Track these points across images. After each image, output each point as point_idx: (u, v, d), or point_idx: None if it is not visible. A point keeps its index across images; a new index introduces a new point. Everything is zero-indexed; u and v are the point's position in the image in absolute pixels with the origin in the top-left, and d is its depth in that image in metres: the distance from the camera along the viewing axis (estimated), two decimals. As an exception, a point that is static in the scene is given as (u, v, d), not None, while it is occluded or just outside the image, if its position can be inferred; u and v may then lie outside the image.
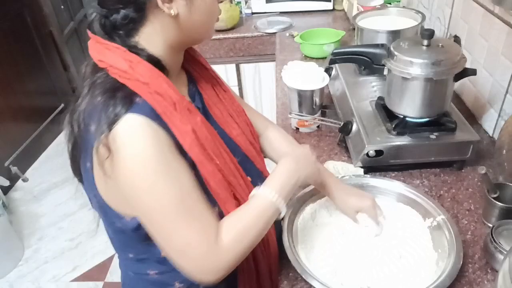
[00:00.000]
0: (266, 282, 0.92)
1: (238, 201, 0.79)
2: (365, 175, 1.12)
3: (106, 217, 0.78)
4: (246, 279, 0.87)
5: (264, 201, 0.76)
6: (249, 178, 0.86)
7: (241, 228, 0.74)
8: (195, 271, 0.71)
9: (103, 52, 0.72)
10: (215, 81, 0.91)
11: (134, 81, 0.69)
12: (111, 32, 0.73)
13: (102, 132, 0.65)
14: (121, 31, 0.72)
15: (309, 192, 1.04)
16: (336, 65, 1.46)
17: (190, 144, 0.70)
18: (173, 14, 0.71)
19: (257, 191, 0.78)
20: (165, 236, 0.70)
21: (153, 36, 0.73)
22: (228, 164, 0.79)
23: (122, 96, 0.67)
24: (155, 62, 0.73)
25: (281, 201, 0.77)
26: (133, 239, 0.78)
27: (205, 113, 0.84)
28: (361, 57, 1.15)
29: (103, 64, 0.71)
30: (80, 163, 0.75)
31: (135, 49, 0.72)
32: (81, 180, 0.80)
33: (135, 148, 0.66)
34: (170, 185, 0.67)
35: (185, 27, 0.74)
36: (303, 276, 0.86)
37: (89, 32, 0.75)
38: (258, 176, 0.90)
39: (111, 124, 0.65)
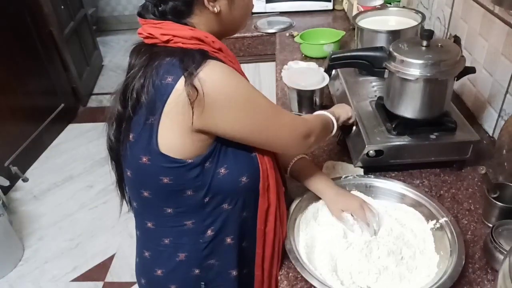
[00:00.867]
0: (275, 269, 0.96)
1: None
2: (369, 175, 1.12)
3: (154, 173, 0.82)
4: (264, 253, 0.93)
5: (325, 115, 1.04)
6: None
7: (317, 123, 0.97)
8: (304, 138, 0.90)
9: (164, 27, 0.78)
10: (242, 73, 1.00)
11: (200, 44, 0.78)
12: (161, 17, 0.79)
13: (190, 74, 0.72)
14: (170, 16, 0.79)
15: (312, 192, 1.05)
16: (336, 65, 1.46)
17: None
18: (216, 11, 0.80)
19: (318, 112, 1.04)
20: (275, 127, 0.85)
21: (199, 26, 0.81)
22: None
23: (198, 52, 0.76)
24: None
25: (334, 119, 1.04)
26: (179, 191, 0.83)
27: None
28: (360, 61, 1.15)
29: (165, 37, 0.77)
30: (132, 127, 0.80)
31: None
32: (114, 157, 0.89)
33: (228, 79, 0.76)
34: (262, 96, 0.83)
35: (225, 21, 0.84)
36: (304, 276, 0.86)
37: (140, 19, 0.81)
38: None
39: (195, 69, 0.73)
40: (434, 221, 0.97)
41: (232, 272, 0.92)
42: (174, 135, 0.77)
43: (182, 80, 0.73)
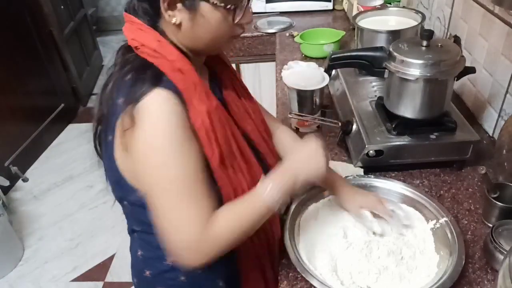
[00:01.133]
0: (268, 273, 0.94)
1: (239, 191, 0.82)
2: (369, 175, 1.12)
3: (122, 190, 0.82)
4: (249, 270, 0.91)
5: (258, 198, 0.78)
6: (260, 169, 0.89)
7: (234, 220, 0.77)
8: (183, 251, 0.75)
9: (137, 32, 0.77)
10: (235, 79, 0.95)
11: (162, 59, 0.74)
12: (141, 15, 0.77)
13: (130, 103, 0.70)
14: (148, 17, 0.77)
15: (313, 191, 1.05)
16: (336, 65, 1.46)
17: (200, 124, 0.74)
18: (174, 23, 0.75)
19: (257, 186, 0.80)
20: (162, 211, 0.74)
21: (169, 33, 0.78)
22: (235, 151, 0.82)
23: (151, 75, 0.72)
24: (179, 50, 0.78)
25: (274, 200, 0.78)
26: (145, 213, 0.80)
27: (223, 106, 0.87)
28: (360, 61, 1.15)
29: (135, 43, 0.76)
30: (102, 138, 0.80)
31: (163, 35, 0.78)
32: (101, 156, 0.86)
33: (156, 123, 0.70)
34: (178, 163, 0.72)
35: (188, 37, 0.78)
36: (304, 276, 0.86)
37: (124, 14, 0.79)
38: (267, 172, 0.91)
39: (140, 96, 0.70)
40: (434, 221, 0.97)
41: (220, 282, 0.91)
42: (126, 159, 0.76)
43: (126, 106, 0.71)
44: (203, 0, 0.73)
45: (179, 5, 0.73)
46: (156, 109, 0.70)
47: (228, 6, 0.74)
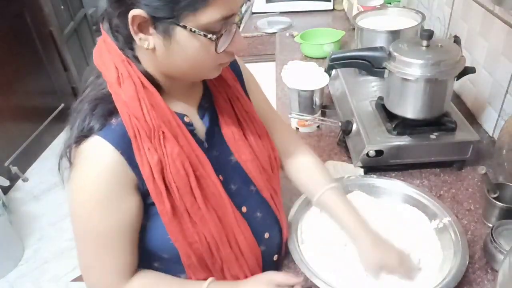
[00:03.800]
0: None
1: (197, 244, 0.76)
2: (371, 175, 1.12)
3: None
4: None
5: None
6: (244, 209, 0.83)
7: None
8: None
9: (103, 55, 0.71)
10: (237, 100, 0.85)
11: (118, 96, 0.69)
12: (114, 31, 0.70)
13: (69, 145, 0.70)
14: (121, 35, 0.69)
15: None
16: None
17: (147, 176, 0.69)
18: (146, 47, 0.66)
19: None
20: (78, 253, 0.76)
21: (143, 56, 0.70)
22: (200, 203, 0.74)
23: (100, 114, 0.68)
24: (149, 78, 0.70)
25: None
26: None
27: (212, 132, 0.81)
28: (360, 61, 1.15)
29: (99, 68, 0.72)
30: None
31: (134, 59, 0.70)
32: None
33: (86, 175, 0.70)
34: (98, 220, 0.71)
35: (165, 65, 0.69)
36: (307, 276, 0.86)
37: (101, 27, 0.72)
38: (258, 207, 0.87)
39: (79, 140, 0.68)
40: (438, 221, 0.97)
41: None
42: None
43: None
44: (179, 26, 0.62)
45: (151, 29, 0.64)
46: (89, 161, 0.69)
47: (209, 36, 0.64)
